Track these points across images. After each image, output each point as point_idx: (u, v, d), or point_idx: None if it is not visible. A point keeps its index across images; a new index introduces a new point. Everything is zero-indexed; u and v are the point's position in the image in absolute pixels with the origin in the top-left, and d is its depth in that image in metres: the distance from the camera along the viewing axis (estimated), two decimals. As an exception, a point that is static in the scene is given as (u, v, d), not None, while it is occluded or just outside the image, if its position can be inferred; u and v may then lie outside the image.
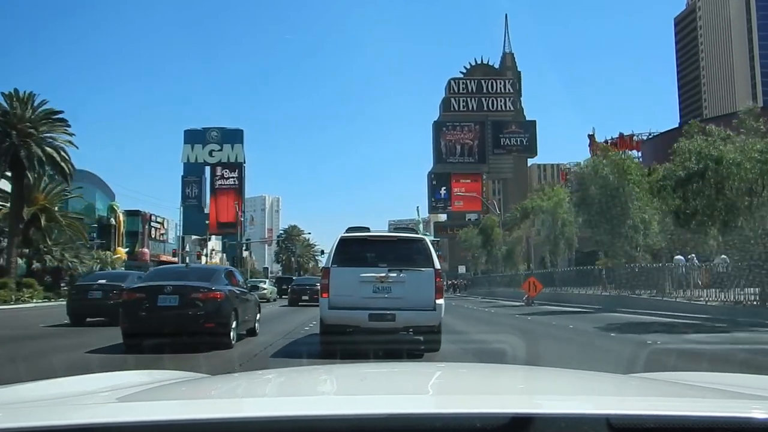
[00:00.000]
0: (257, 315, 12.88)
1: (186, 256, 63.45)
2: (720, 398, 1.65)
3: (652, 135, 68.77)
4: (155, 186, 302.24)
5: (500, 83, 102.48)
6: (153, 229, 66.86)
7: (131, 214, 61.73)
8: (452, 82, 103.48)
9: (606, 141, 71.20)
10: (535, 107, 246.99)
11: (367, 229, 10.53)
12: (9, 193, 32.34)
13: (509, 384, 2.09)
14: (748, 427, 1.25)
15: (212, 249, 78.15)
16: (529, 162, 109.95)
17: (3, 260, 30.72)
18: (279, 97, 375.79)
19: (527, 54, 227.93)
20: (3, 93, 31.70)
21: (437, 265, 9.41)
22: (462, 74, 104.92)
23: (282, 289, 36.23)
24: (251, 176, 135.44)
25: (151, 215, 66.67)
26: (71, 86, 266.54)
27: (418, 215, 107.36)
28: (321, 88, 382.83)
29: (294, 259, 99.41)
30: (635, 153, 58.51)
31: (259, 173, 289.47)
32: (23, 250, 32.63)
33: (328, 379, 2.12)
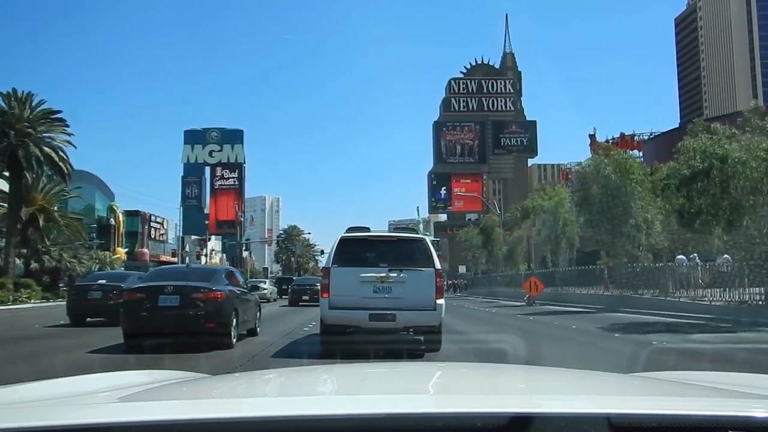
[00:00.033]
0: (258, 315, 12.90)
1: (186, 257, 63.45)
2: (721, 397, 1.65)
3: (654, 135, 68.60)
4: (155, 186, 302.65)
5: (500, 83, 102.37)
6: (153, 230, 66.88)
7: (131, 215, 61.72)
8: (452, 82, 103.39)
9: (607, 141, 71.19)
10: (536, 107, 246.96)
11: (368, 229, 10.52)
12: (7, 193, 32.15)
13: (509, 383, 2.09)
14: (749, 426, 1.25)
15: (212, 249, 78.22)
16: (530, 162, 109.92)
17: (1, 261, 30.54)
18: (279, 97, 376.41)
19: (528, 54, 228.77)
20: (1, 93, 31.49)
21: (438, 265, 9.40)
22: (462, 74, 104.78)
23: (282, 290, 36.25)
24: (251, 176, 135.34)
25: (151, 215, 66.66)
26: (71, 86, 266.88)
27: (418, 215, 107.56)
28: (321, 88, 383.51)
29: (294, 259, 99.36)
30: (636, 153, 58.37)
31: (259, 173, 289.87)
32: (21, 251, 32.49)
33: (329, 379, 2.12)
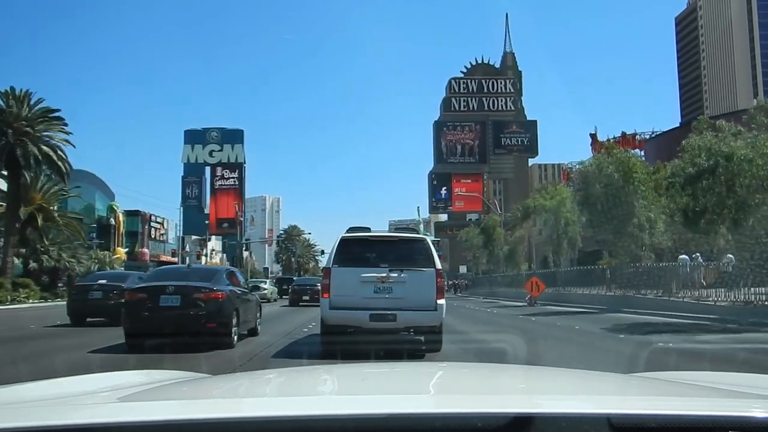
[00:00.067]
0: (258, 315, 12.91)
1: (186, 257, 63.45)
2: (721, 397, 1.65)
3: (655, 134, 68.37)
4: (155, 186, 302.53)
5: (501, 83, 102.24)
6: (153, 230, 66.89)
7: (131, 214, 61.73)
8: (453, 82, 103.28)
9: (608, 140, 70.96)
10: (536, 107, 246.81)
11: (368, 230, 10.50)
12: (5, 193, 31.96)
13: (510, 384, 2.09)
14: (749, 426, 1.25)
15: (212, 249, 78.26)
16: (530, 162, 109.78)
17: (-1, 260, 30.46)
18: (279, 97, 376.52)
19: (528, 54, 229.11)
20: (-1, 91, 31.31)
21: (438, 265, 9.38)
22: (462, 74, 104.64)
23: (282, 290, 36.30)
24: (251, 176, 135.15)
25: (151, 215, 66.65)
26: (71, 86, 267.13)
27: (419, 215, 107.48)
28: (321, 88, 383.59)
29: (294, 260, 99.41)
30: (638, 152, 58.22)
31: (259, 173, 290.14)
32: (20, 250, 32.34)
33: (329, 379, 2.12)
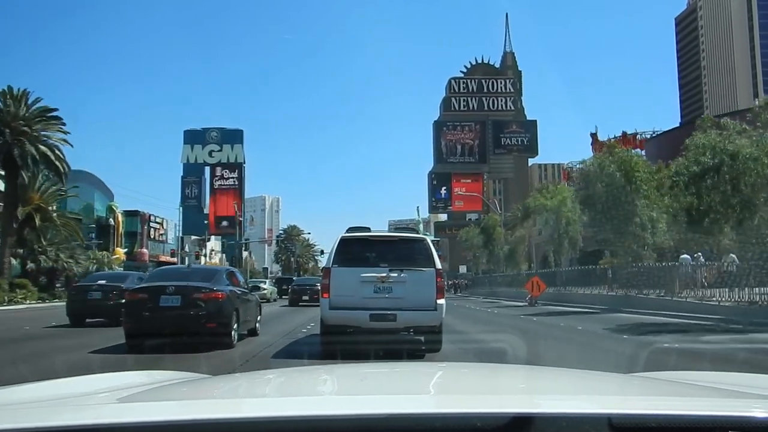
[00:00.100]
0: (258, 315, 12.92)
1: (185, 257, 63.43)
2: (721, 397, 1.65)
3: (656, 134, 68.22)
4: (155, 186, 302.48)
5: (501, 83, 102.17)
6: (152, 230, 66.71)
7: (130, 215, 61.57)
8: (453, 82, 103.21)
9: (609, 139, 70.90)
10: (536, 107, 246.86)
11: (368, 229, 10.50)
12: (2, 193, 31.71)
13: (510, 383, 2.09)
14: (749, 426, 1.25)
15: (212, 249, 78.19)
16: (530, 162, 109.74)
17: (-4, 261, 30.08)
18: (279, 97, 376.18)
19: (528, 53, 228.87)
20: (-4, 90, 30.90)
21: (438, 265, 9.38)
22: (462, 74, 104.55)
23: (282, 290, 36.31)
24: (251, 176, 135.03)
25: (150, 215, 66.47)
26: (71, 86, 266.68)
27: (419, 215, 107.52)
28: (321, 88, 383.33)
29: (293, 259, 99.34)
30: (639, 152, 58.06)
31: (259, 173, 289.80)
32: (17, 251, 32.10)
33: (329, 379, 2.12)
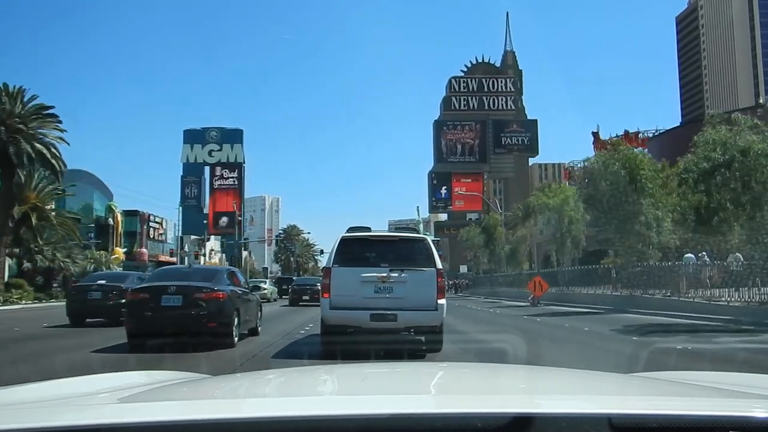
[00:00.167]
0: (259, 315, 12.94)
1: (185, 257, 63.44)
2: (721, 397, 1.65)
3: (659, 132, 68.02)
4: (155, 186, 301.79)
5: (501, 82, 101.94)
6: (151, 230, 66.67)
7: (129, 214, 61.51)
8: (453, 81, 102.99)
9: (611, 138, 70.83)
10: (537, 106, 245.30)
11: (369, 229, 10.48)
12: (-1, 191, 31.24)
13: (510, 383, 2.09)
14: (749, 426, 1.25)
15: (211, 249, 78.12)
16: (531, 161, 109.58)
17: (-8, 260, 29.78)
18: (279, 97, 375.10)
19: (528, 52, 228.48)
20: (-8, 87, 30.48)
21: (439, 265, 9.38)
22: (463, 73, 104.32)
23: (282, 290, 36.36)
24: (251, 176, 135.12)
25: (150, 215, 66.42)
26: (71, 86, 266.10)
27: (419, 215, 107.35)
28: (321, 88, 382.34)
29: (293, 259, 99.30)
30: (642, 150, 57.87)
31: (259, 173, 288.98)
32: (13, 250, 31.84)
33: (330, 379, 2.12)
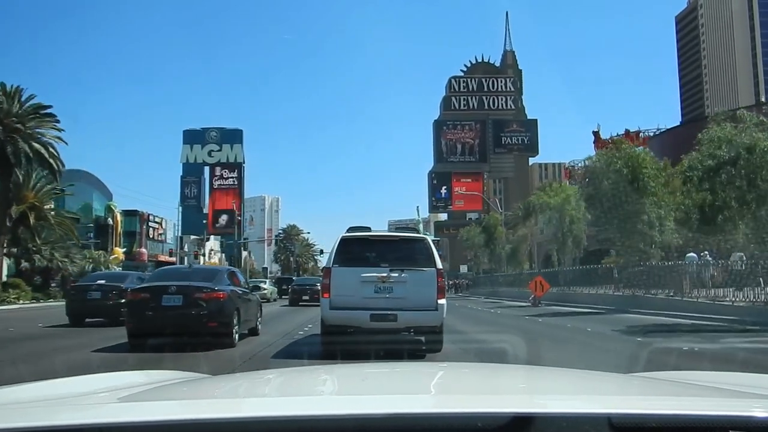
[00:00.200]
0: (259, 315, 12.96)
1: (184, 257, 63.45)
2: (721, 397, 1.65)
3: (660, 131, 67.90)
4: (154, 186, 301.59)
5: (501, 81, 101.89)
6: (151, 229, 66.65)
7: (129, 214, 61.50)
8: (453, 81, 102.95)
9: (611, 137, 70.82)
10: (537, 106, 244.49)
11: (369, 229, 10.48)
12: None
13: (510, 383, 2.09)
14: (750, 426, 1.25)
15: (210, 249, 78.09)
16: (531, 161, 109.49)
17: (-11, 260, 29.61)
18: (279, 97, 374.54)
19: (528, 52, 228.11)
20: (-11, 87, 30.32)
21: (439, 265, 9.37)
22: (463, 72, 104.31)
23: (282, 290, 36.37)
24: (251, 176, 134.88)
25: (149, 215, 66.39)
26: (71, 86, 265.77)
27: (418, 215, 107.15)
28: (321, 88, 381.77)
29: (293, 259, 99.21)
30: (644, 149, 57.69)
31: (259, 173, 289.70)
32: (11, 250, 31.67)
33: (330, 379, 2.12)
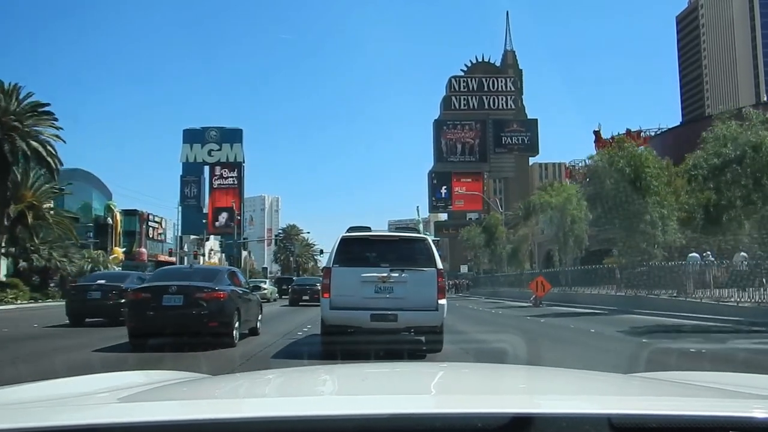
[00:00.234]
0: (259, 315, 12.97)
1: (184, 256, 63.42)
2: (721, 398, 1.65)
3: (661, 131, 67.78)
4: (154, 186, 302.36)
5: (501, 81, 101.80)
6: (150, 229, 66.56)
7: (128, 214, 61.41)
8: (453, 80, 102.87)
9: (612, 137, 70.69)
10: (537, 105, 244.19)
11: (369, 229, 10.47)
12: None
13: (510, 384, 2.09)
14: (749, 427, 1.25)
15: (210, 249, 78.08)
16: (531, 161, 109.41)
17: (-13, 259, 29.53)
18: (279, 97, 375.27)
19: (529, 52, 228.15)
20: (-14, 85, 30.16)
21: (439, 265, 9.36)
22: (463, 72, 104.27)
23: (282, 290, 36.41)
24: (251, 176, 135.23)
25: (149, 215, 66.31)
26: (71, 86, 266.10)
27: (418, 215, 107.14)
28: (321, 88, 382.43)
29: (293, 259, 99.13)
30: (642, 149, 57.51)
31: (259, 173, 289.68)
32: (9, 249, 31.59)
33: (330, 379, 2.12)
